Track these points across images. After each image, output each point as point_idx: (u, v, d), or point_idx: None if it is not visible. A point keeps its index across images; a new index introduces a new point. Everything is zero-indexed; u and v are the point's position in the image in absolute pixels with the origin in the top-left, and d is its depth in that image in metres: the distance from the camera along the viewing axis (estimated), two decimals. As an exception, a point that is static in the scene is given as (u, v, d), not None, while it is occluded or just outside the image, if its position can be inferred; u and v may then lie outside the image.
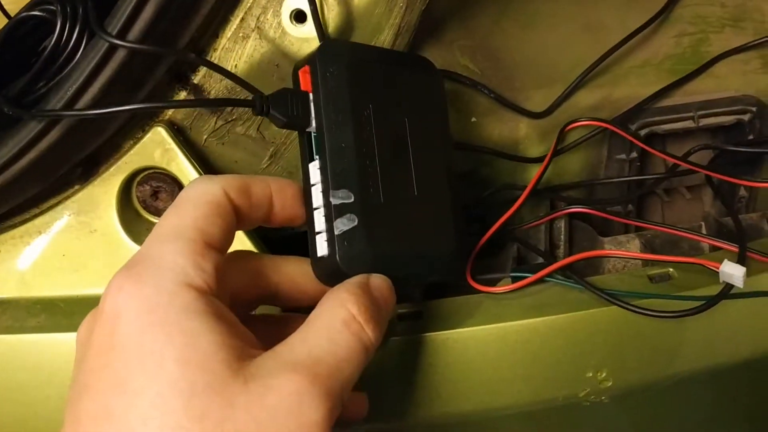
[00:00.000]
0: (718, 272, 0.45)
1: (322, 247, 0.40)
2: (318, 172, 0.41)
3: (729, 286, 0.45)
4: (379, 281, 0.39)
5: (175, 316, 0.32)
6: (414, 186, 0.44)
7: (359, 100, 0.42)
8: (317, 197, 0.40)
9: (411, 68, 0.47)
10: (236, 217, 0.38)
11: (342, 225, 0.39)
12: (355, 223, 0.40)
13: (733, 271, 0.44)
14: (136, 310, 0.32)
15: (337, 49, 0.43)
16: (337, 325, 0.35)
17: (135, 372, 0.31)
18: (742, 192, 0.65)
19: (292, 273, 0.42)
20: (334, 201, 0.40)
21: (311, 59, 0.42)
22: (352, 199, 0.40)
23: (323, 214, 0.40)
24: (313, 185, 0.41)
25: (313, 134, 0.41)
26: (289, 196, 0.41)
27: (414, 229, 0.43)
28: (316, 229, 0.40)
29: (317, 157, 0.41)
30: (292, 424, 0.31)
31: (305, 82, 0.42)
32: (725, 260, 0.44)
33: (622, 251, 0.55)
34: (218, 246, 0.36)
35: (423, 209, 0.44)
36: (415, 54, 0.52)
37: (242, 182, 0.39)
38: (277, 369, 0.32)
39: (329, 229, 0.39)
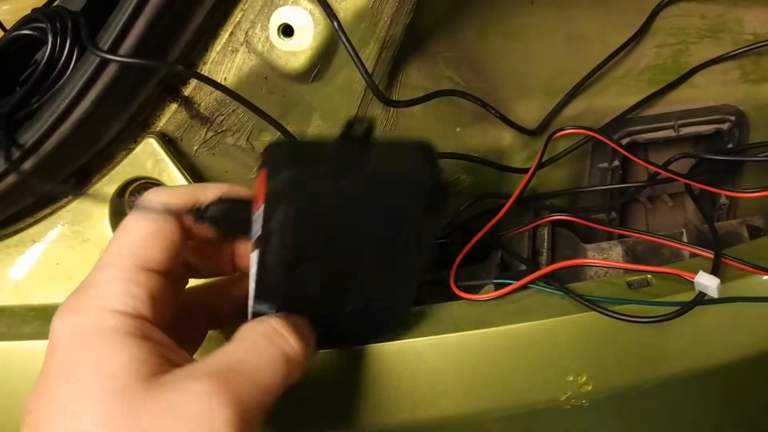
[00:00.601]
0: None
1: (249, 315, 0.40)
2: (255, 263, 0.38)
3: (703, 293, 0.46)
4: (300, 319, 0.40)
5: (98, 338, 0.34)
6: (351, 302, 0.42)
7: (307, 235, 0.37)
8: (251, 288, 0.39)
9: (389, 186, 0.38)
10: (184, 231, 0.39)
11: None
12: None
13: (707, 282, 0.45)
14: (68, 336, 0.35)
15: (292, 178, 0.35)
16: (258, 337, 0.37)
17: (59, 392, 0.33)
18: (723, 199, 0.66)
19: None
20: (254, 308, 0.39)
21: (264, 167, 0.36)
22: (275, 311, 0.39)
23: (250, 308, 0.39)
24: (250, 275, 0.39)
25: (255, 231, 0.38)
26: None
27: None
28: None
29: (257, 251, 0.37)
30: (197, 426, 0.32)
31: (259, 188, 0.36)
32: (700, 271, 0.45)
33: (601, 260, 0.56)
34: (157, 267, 0.37)
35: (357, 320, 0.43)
36: (414, 146, 0.40)
37: (191, 193, 0.39)
38: (189, 377, 0.33)
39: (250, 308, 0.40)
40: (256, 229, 0.37)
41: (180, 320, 0.41)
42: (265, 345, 0.36)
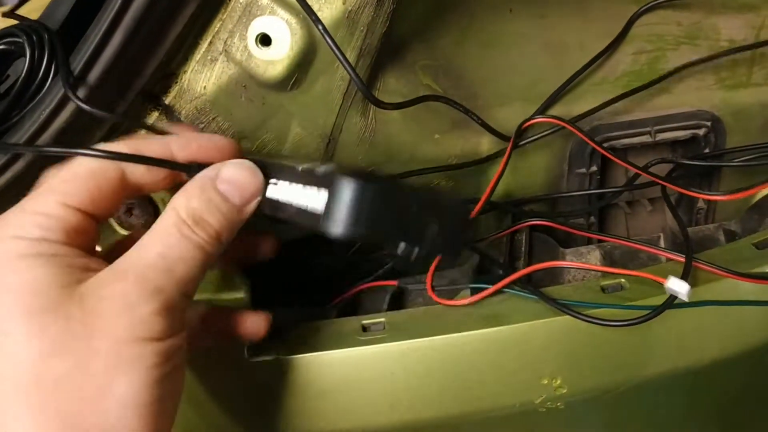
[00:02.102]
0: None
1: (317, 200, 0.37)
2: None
3: (674, 296, 0.47)
4: (231, 170, 0.41)
5: (10, 264, 0.36)
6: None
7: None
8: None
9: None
10: (123, 177, 0.40)
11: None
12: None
13: (677, 287, 0.46)
14: None
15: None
16: (169, 228, 0.38)
17: None
18: (701, 204, 0.67)
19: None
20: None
21: None
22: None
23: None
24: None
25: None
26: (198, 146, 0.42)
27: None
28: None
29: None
30: (123, 323, 0.35)
31: None
32: (670, 276, 0.46)
33: (574, 262, 0.57)
34: (79, 206, 0.38)
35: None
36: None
37: (134, 146, 0.40)
38: (108, 279, 0.36)
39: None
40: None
41: None
42: (175, 236, 0.38)
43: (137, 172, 0.40)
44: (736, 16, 0.65)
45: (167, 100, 0.51)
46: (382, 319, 0.50)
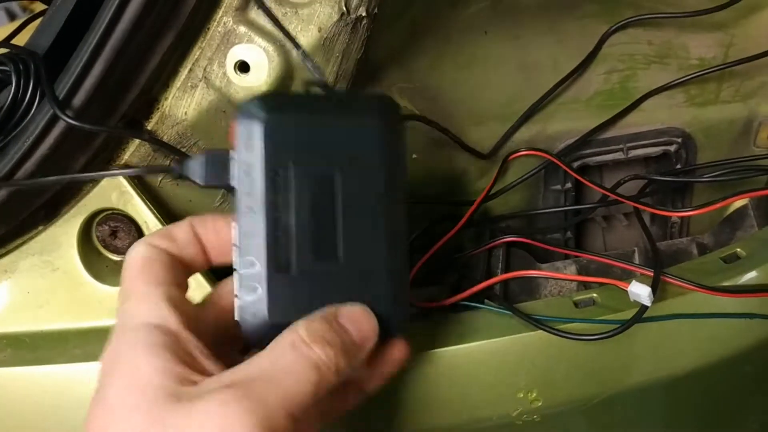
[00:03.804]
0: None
1: (235, 313, 0.40)
2: (235, 233, 0.39)
3: (642, 310, 0.48)
4: (353, 310, 0.40)
5: (125, 350, 0.37)
6: (341, 250, 0.40)
7: (275, 161, 0.39)
8: (235, 260, 0.40)
9: (355, 116, 0.42)
10: (172, 257, 0.42)
11: (245, 295, 0.39)
12: (257, 294, 0.39)
13: (639, 291, 0.48)
14: (105, 356, 0.38)
15: (262, 104, 0.40)
16: (285, 347, 0.37)
17: (97, 409, 0.36)
18: (675, 218, 0.69)
19: None
20: (240, 270, 0.39)
21: (235, 115, 0.41)
22: (256, 269, 0.39)
23: (236, 280, 0.39)
24: (233, 245, 0.40)
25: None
26: (214, 228, 0.43)
27: (335, 297, 0.40)
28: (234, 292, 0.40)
29: (234, 216, 0.40)
30: None
31: (231, 136, 0.40)
32: (633, 280, 0.48)
33: (543, 271, 0.58)
34: (166, 280, 0.40)
35: (349, 275, 0.40)
36: (372, 95, 0.48)
37: (164, 230, 0.43)
38: (211, 389, 0.35)
39: (237, 298, 0.39)
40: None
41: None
42: (289, 354, 0.37)
43: (178, 240, 0.42)
44: (705, 35, 0.67)
45: (149, 126, 0.52)
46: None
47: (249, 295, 0.39)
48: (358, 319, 0.40)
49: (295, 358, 0.37)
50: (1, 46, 0.55)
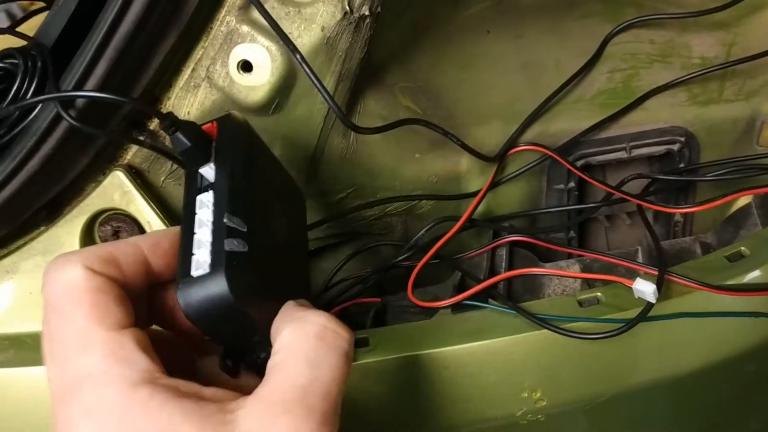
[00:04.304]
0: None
1: (201, 265, 0.36)
2: (211, 198, 0.39)
3: (647, 309, 0.48)
4: (332, 317, 0.38)
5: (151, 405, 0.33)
6: (288, 240, 0.45)
7: (251, 157, 0.43)
8: (206, 216, 0.38)
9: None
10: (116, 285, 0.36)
11: (232, 245, 0.37)
12: (245, 249, 0.37)
13: (643, 288, 0.47)
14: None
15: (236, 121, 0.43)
16: (312, 342, 0.35)
17: None
18: (678, 217, 0.68)
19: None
20: (228, 222, 0.37)
21: (219, 119, 0.43)
22: (245, 229, 0.38)
23: (211, 230, 0.38)
24: (200, 210, 0.39)
25: (207, 173, 0.40)
26: (168, 246, 0.39)
27: (285, 279, 0.43)
28: (197, 246, 0.37)
29: (210, 190, 0.39)
30: None
31: (210, 130, 0.42)
32: (637, 278, 0.48)
33: (547, 269, 0.57)
34: (125, 321, 0.35)
35: (292, 263, 0.46)
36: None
37: (105, 252, 0.37)
38: (270, 416, 0.32)
39: (217, 247, 0.37)
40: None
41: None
42: (322, 350, 0.35)
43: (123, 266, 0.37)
44: (707, 34, 0.67)
45: (151, 126, 0.52)
46: (366, 336, 0.51)
47: (236, 246, 0.37)
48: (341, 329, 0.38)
49: (329, 354, 0.35)
50: (6, 32, 0.55)
